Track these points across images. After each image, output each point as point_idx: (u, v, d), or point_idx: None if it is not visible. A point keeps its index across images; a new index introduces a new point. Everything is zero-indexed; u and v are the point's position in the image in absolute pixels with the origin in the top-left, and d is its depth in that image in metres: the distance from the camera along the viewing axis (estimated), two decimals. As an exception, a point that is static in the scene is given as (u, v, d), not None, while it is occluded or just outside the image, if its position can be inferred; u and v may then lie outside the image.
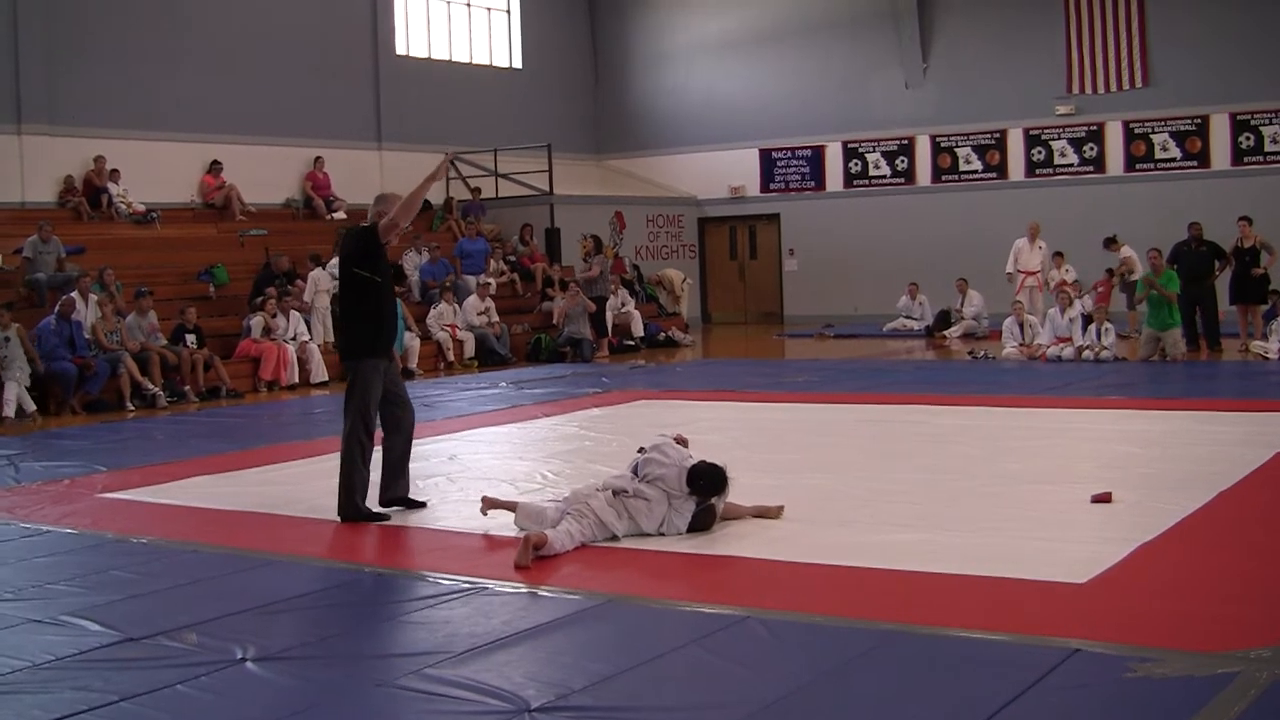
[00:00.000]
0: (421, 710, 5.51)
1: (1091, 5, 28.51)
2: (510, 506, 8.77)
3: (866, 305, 29.89)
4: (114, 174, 23.93)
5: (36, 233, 20.28)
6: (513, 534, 8.56)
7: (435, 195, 29.93)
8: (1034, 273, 24.11)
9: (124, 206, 23.84)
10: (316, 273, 22.12)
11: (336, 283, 22.22)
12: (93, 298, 19.16)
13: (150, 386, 18.37)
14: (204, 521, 9.81)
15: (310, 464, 12.33)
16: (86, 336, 18.45)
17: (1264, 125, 27.24)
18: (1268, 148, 27.23)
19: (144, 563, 8.37)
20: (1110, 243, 24.01)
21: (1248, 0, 27.18)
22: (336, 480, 9.47)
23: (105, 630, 6.73)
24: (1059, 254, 24.68)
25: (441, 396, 18.31)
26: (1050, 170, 29.37)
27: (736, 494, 8.78)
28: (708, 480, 8.49)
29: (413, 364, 21.83)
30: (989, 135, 30.02)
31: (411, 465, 11.28)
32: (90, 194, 23.66)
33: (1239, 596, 6.73)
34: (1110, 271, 24.02)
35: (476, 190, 29.73)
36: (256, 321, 20.54)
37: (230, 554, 8.56)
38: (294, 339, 20.69)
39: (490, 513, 8.85)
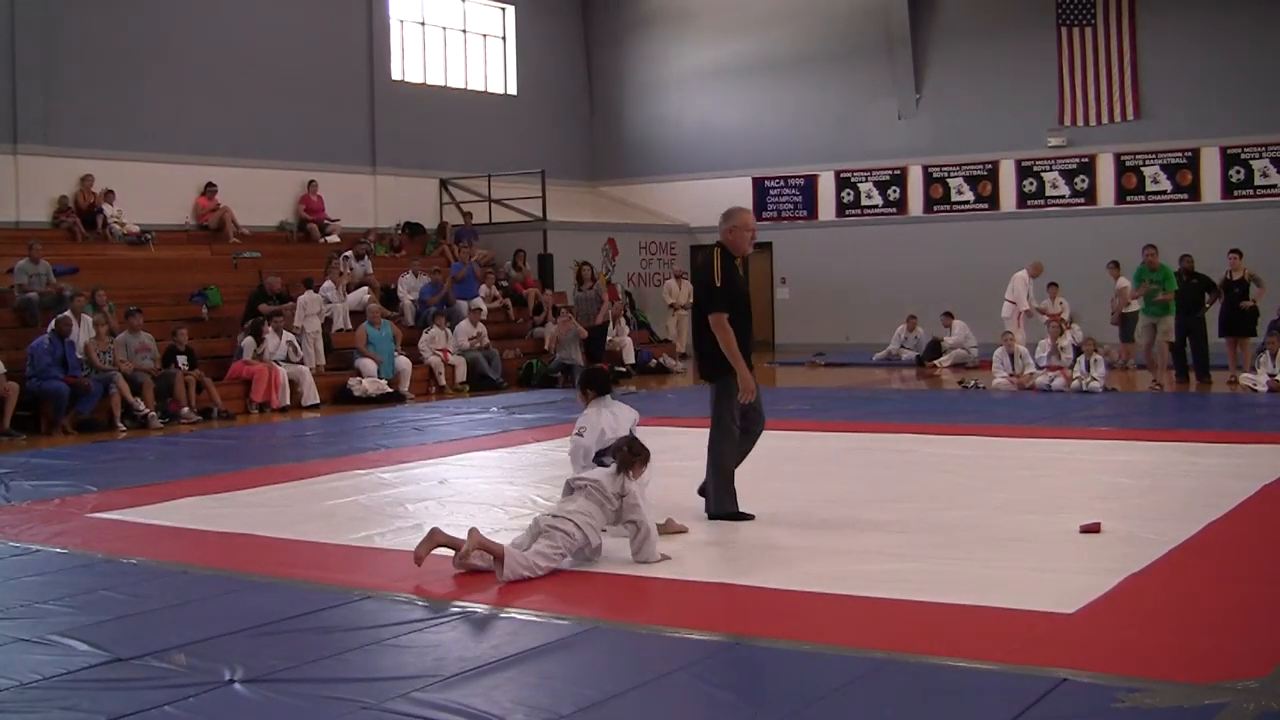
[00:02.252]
0: (410, 733, 5.51)
1: (1084, 38, 28.64)
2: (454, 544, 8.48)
3: (858, 334, 29.94)
4: (109, 195, 23.96)
5: (28, 254, 20.32)
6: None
7: (429, 219, 30.01)
8: (1028, 310, 24.17)
9: (118, 227, 23.85)
10: (307, 296, 22.12)
11: (329, 305, 22.46)
12: (86, 318, 19.15)
13: (142, 407, 18.35)
14: (194, 542, 9.80)
15: (301, 486, 12.33)
16: (79, 356, 18.43)
17: (1254, 159, 27.36)
18: (1258, 181, 27.34)
19: (133, 583, 8.36)
20: (1114, 266, 24.04)
21: (1239, 35, 27.33)
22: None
23: (93, 650, 6.71)
24: (1054, 285, 24.76)
25: (433, 420, 18.31)
26: (1042, 201, 29.47)
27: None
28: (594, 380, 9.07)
29: (404, 387, 21.84)
30: (981, 166, 30.12)
31: (401, 489, 11.29)
32: (85, 214, 23.67)
33: (1227, 627, 6.74)
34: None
35: (469, 215, 29.77)
36: (248, 343, 20.53)
37: (220, 575, 8.54)
38: (285, 360, 20.67)
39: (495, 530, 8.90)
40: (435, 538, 8.38)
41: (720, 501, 9.89)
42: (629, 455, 8.64)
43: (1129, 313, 23.34)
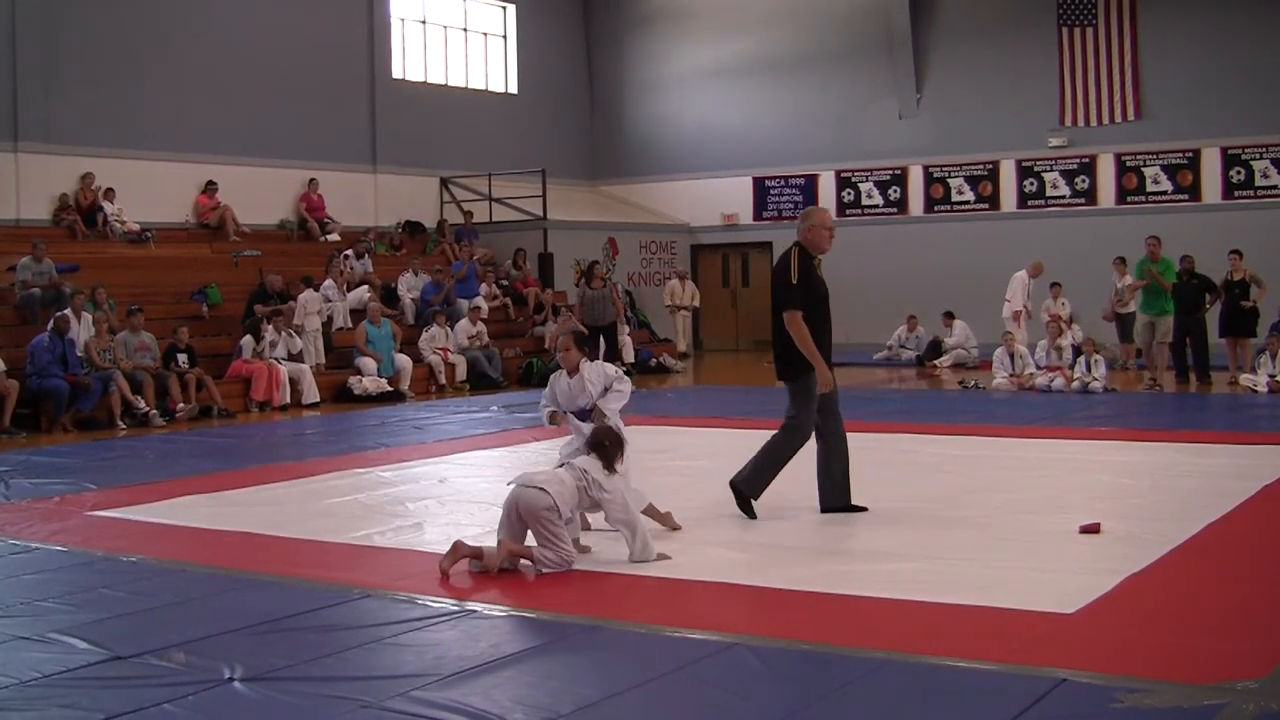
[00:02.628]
0: (409, 732, 5.52)
1: (1085, 38, 28.64)
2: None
3: (858, 334, 29.85)
4: (109, 193, 23.96)
5: (31, 252, 20.33)
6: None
7: (430, 218, 30.02)
8: (1027, 308, 24.17)
9: (119, 225, 23.86)
10: (307, 294, 22.13)
11: (330, 304, 22.46)
12: (86, 316, 19.15)
13: (142, 405, 18.35)
14: (193, 541, 9.81)
15: (301, 485, 12.34)
16: (79, 354, 18.43)
17: (1255, 160, 27.36)
18: (1258, 182, 27.34)
19: (133, 581, 8.36)
20: (1119, 262, 23.99)
21: (1239, 36, 27.32)
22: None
23: (93, 648, 6.71)
24: (1056, 285, 24.75)
25: (433, 419, 18.31)
26: (1043, 202, 29.46)
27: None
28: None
29: (404, 386, 21.85)
30: (982, 166, 30.11)
31: (400, 488, 11.29)
32: (86, 213, 23.68)
33: (1226, 628, 6.74)
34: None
35: (469, 214, 29.78)
36: (246, 341, 20.53)
37: (219, 573, 8.54)
38: (286, 358, 20.66)
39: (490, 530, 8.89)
40: (459, 550, 8.34)
41: (751, 479, 9.87)
42: (608, 448, 8.54)
43: (1126, 313, 23.35)
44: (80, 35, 24.10)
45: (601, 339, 12.54)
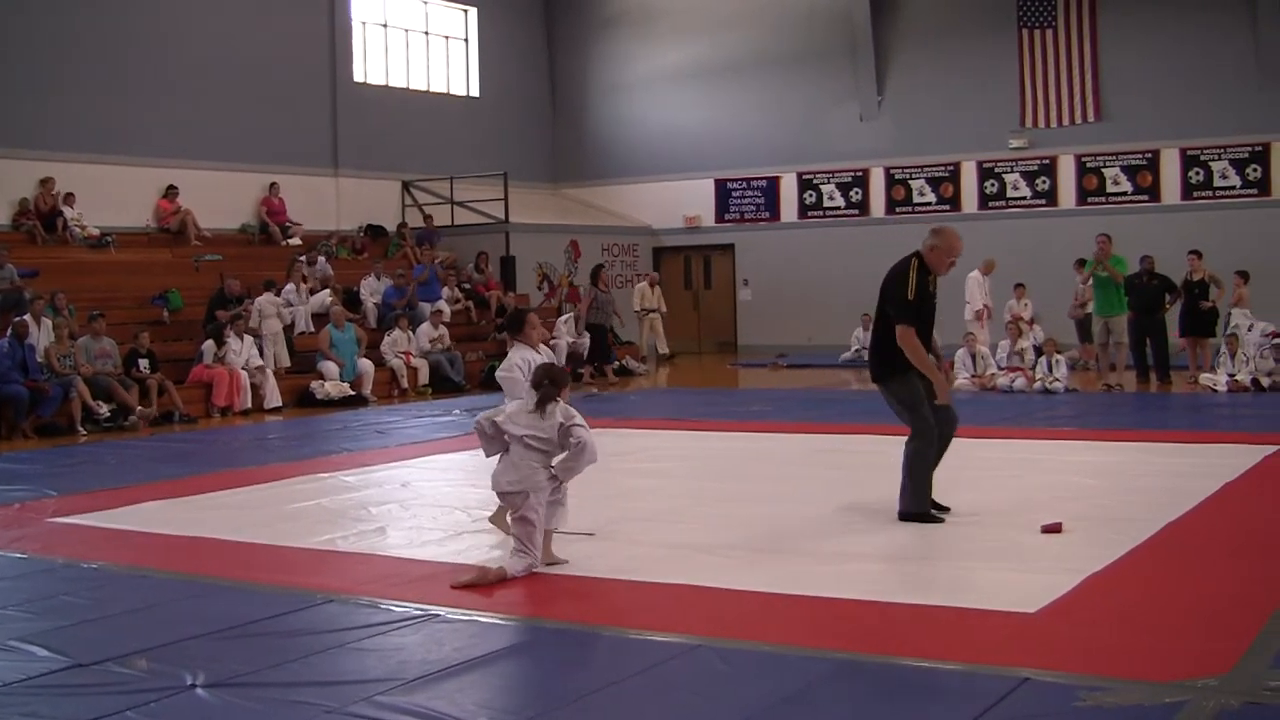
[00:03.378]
0: (373, 737, 5.51)
1: (1045, 40, 28.77)
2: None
3: (820, 335, 29.95)
4: (69, 198, 23.82)
5: (-5, 257, 20.27)
6: (466, 560, 8.61)
7: (391, 222, 29.96)
8: (988, 306, 24.26)
9: (79, 230, 23.72)
10: (263, 298, 22.05)
11: (291, 308, 22.39)
12: (46, 321, 19.04)
13: (103, 411, 18.27)
14: (155, 546, 9.76)
15: (263, 490, 12.30)
16: (39, 360, 18.33)
17: (1213, 160, 27.52)
18: (1217, 183, 27.50)
19: (94, 588, 8.32)
20: (1081, 264, 24.08)
21: (1198, 38, 27.48)
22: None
23: (54, 656, 6.68)
24: (1020, 285, 24.85)
25: (395, 423, 18.28)
26: (1003, 203, 29.57)
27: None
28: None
29: (367, 390, 21.80)
30: (943, 168, 30.21)
31: (363, 492, 11.27)
32: (45, 217, 23.54)
33: (1187, 626, 6.78)
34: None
35: (429, 218, 29.73)
36: (208, 346, 20.45)
37: (181, 579, 8.51)
38: (247, 365, 20.59)
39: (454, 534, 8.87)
40: (486, 576, 8.16)
41: (915, 499, 9.70)
42: (550, 386, 8.36)
43: (1087, 315, 23.47)
44: (40, 39, 23.95)
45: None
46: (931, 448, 9.75)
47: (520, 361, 9.50)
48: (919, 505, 9.65)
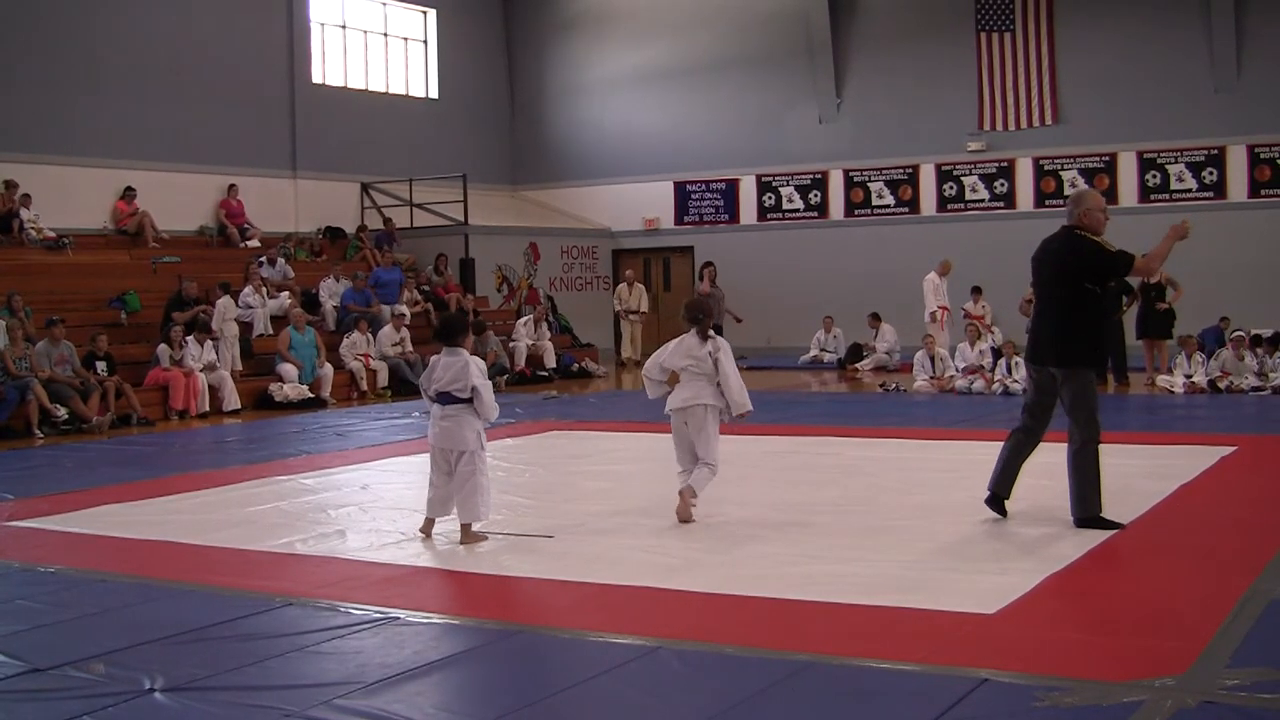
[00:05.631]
0: (332, 741, 5.49)
1: (1003, 43, 28.89)
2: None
3: (779, 337, 30.00)
4: (25, 199, 23.65)
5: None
6: (426, 564, 8.61)
7: (350, 224, 29.90)
8: (945, 308, 24.38)
9: (34, 232, 23.55)
10: (224, 300, 21.98)
11: (249, 311, 22.29)
12: (1, 322, 18.92)
13: (61, 414, 18.17)
14: (113, 550, 9.72)
15: (221, 493, 12.25)
16: (-6, 363, 18.24)
17: (1170, 164, 27.69)
18: (1173, 186, 27.67)
19: (51, 592, 8.28)
20: None
21: (1155, 41, 27.65)
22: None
23: (10, 661, 6.64)
24: (977, 289, 24.96)
25: (354, 426, 18.23)
26: (962, 205, 29.68)
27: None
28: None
29: (326, 393, 21.74)
30: (901, 170, 30.31)
31: (322, 495, 11.23)
32: (1, 219, 23.36)
33: (1145, 626, 6.82)
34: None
35: (389, 220, 29.65)
36: (162, 349, 20.35)
37: (139, 583, 8.47)
38: (205, 369, 20.50)
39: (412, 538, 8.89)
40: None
41: (1085, 504, 9.47)
42: (705, 318, 10.23)
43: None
44: (-6, 40, 23.84)
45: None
46: (1098, 447, 9.56)
47: (482, 369, 9.56)
48: (1097, 508, 9.45)
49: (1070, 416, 9.57)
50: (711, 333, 10.20)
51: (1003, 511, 9.77)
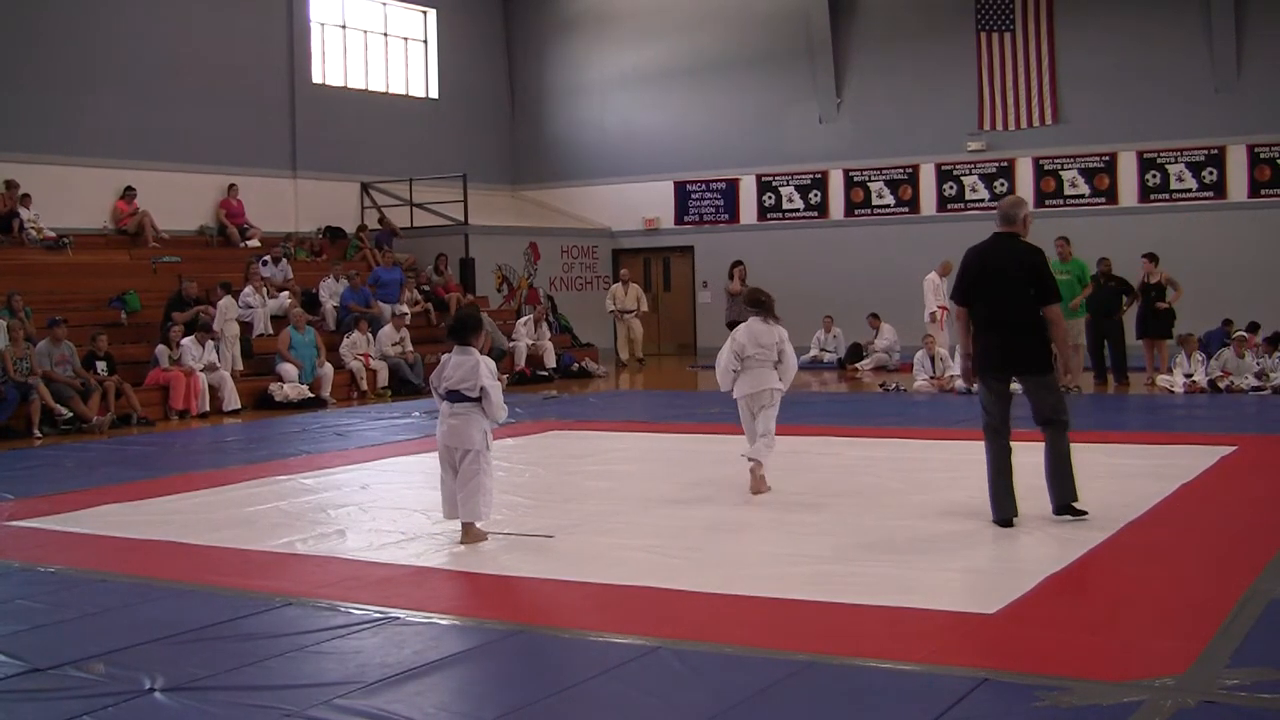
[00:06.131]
0: (332, 741, 5.49)
1: (1003, 43, 28.88)
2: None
3: (780, 338, 29.90)
4: (25, 199, 23.65)
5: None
6: (427, 564, 8.59)
7: (350, 224, 29.89)
8: (945, 308, 24.36)
9: (35, 232, 23.55)
10: (226, 300, 21.98)
11: (250, 311, 22.27)
12: (1, 322, 18.91)
13: (62, 412, 18.16)
14: (113, 550, 9.71)
15: (221, 493, 12.24)
16: (-5, 363, 18.24)
17: (1170, 164, 27.68)
18: (1173, 186, 27.65)
19: (51, 592, 8.27)
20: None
21: (1155, 41, 27.64)
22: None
23: (10, 660, 6.64)
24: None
25: (354, 426, 18.23)
26: (961, 205, 29.67)
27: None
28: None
29: (326, 392, 21.73)
30: (901, 170, 30.29)
31: (322, 495, 11.23)
32: (1, 219, 23.36)
33: (1145, 626, 6.82)
34: None
35: (389, 221, 29.64)
36: (162, 350, 20.34)
37: (139, 583, 8.47)
38: (205, 369, 20.49)
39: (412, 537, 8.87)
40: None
41: (1062, 492, 9.66)
42: (770, 300, 11.74)
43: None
44: (-6, 40, 23.84)
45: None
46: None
47: (492, 369, 9.55)
48: (1067, 496, 9.65)
49: (1050, 413, 9.78)
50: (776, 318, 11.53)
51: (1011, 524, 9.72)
